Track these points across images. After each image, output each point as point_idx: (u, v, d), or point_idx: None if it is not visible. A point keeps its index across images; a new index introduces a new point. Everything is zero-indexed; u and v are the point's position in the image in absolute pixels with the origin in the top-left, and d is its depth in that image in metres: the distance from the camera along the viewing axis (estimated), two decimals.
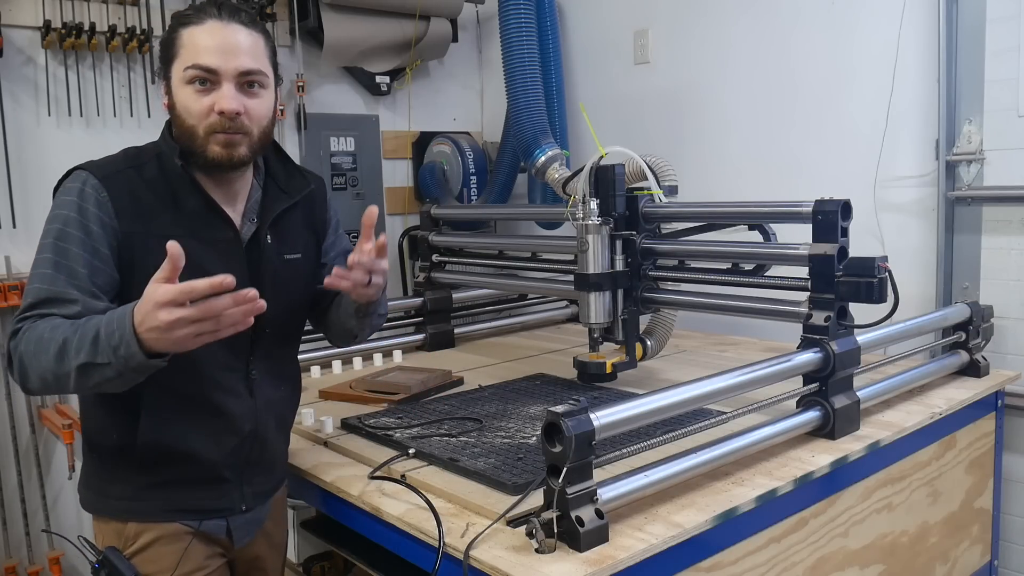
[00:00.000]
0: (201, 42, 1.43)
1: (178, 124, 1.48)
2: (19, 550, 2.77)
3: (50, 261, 1.39)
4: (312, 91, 3.42)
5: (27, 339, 1.33)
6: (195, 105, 1.44)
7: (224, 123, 1.44)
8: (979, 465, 2.24)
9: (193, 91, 1.44)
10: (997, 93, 2.39)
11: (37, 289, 1.38)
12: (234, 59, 1.44)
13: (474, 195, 3.63)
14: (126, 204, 1.45)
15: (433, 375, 2.32)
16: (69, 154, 2.78)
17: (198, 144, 1.46)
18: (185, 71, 1.43)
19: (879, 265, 1.74)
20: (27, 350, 1.32)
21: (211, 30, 1.44)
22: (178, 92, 1.45)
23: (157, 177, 1.49)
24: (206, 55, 1.43)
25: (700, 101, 3.17)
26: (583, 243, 2.11)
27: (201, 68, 1.43)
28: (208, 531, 1.58)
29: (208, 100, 1.44)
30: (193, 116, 1.45)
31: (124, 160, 1.51)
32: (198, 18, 1.45)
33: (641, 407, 1.44)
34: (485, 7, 3.86)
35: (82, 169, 1.47)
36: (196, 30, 1.44)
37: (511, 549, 1.33)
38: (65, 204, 1.43)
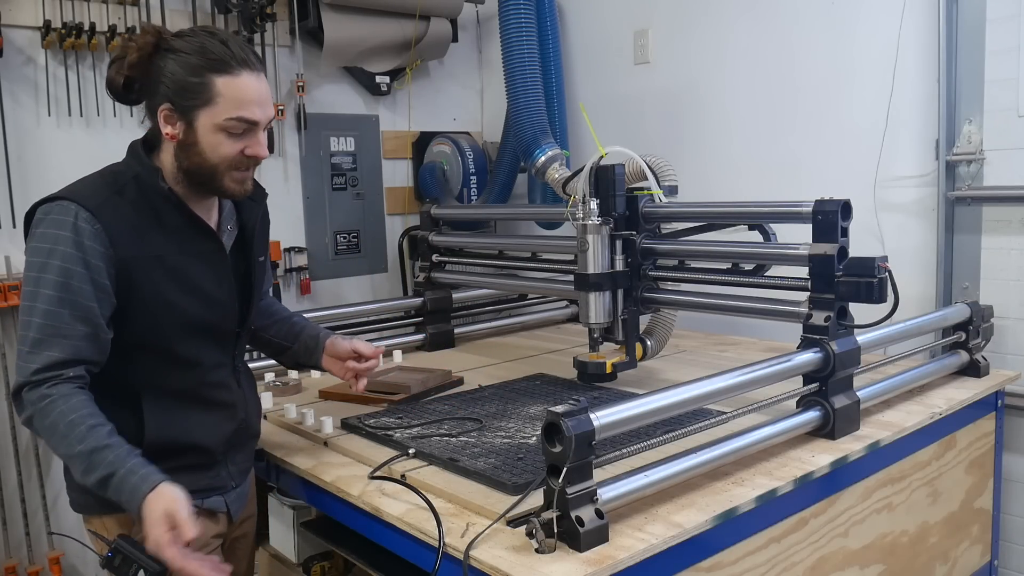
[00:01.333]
0: (243, 95, 1.50)
1: (195, 160, 1.54)
2: (19, 550, 2.77)
3: (52, 298, 1.45)
4: (312, 91, 3.42)
5: (44, 411, 1.42)
6: (227, 150, 1.53)
7: (250, 164, 1.58)
8: (979, 465, 2.24)
9: (225, 136, 1.52)
10: (997, 93, 2.39)
11: (41, 325, 1.45)
12: (268, 110, 1.56)
13: (474, 195, 3.63)
14: (118, 231, 1.50)
15: (433, 375, 2.32)
16: (69, 154, 2.80)
17: (216, 179, 1.56)
18: (226, 121, 1.50)
19: (879, 265, 1.74)
20: (41, 422, 1.44)
21: (248, 84, 1.51)
22: (206, 135, 1.51)
23: (138, 199, 1.55)
24: (250, 109, 1.52)
25: (700, 101, 3.17)
26: (583, 243, 2.11)
27: (246, 121, 1.52)
28: (211, 507, 1.69)
29: (239, 145, 1.54)
30: (222, 159, 1.54)
31: (105, 186, 1.54)
32: (230, 68, 1.50)
33: (641, 407, 1.44)
34: (485, 7, 3.86)
35: (67, 200, 1.49)
36: (232, 81, 1.50)
37: (511, 549, 1.33)
38: (60, 239, 1.47)
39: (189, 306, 1.59)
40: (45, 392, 1.42)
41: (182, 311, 1.58)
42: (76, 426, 1.41)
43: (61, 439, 1.42)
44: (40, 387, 1.43)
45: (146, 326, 1.55)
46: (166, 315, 1.56)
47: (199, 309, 1.60)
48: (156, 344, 1.57)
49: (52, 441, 1.45)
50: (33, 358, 1.44)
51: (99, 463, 1.40)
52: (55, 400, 1.42)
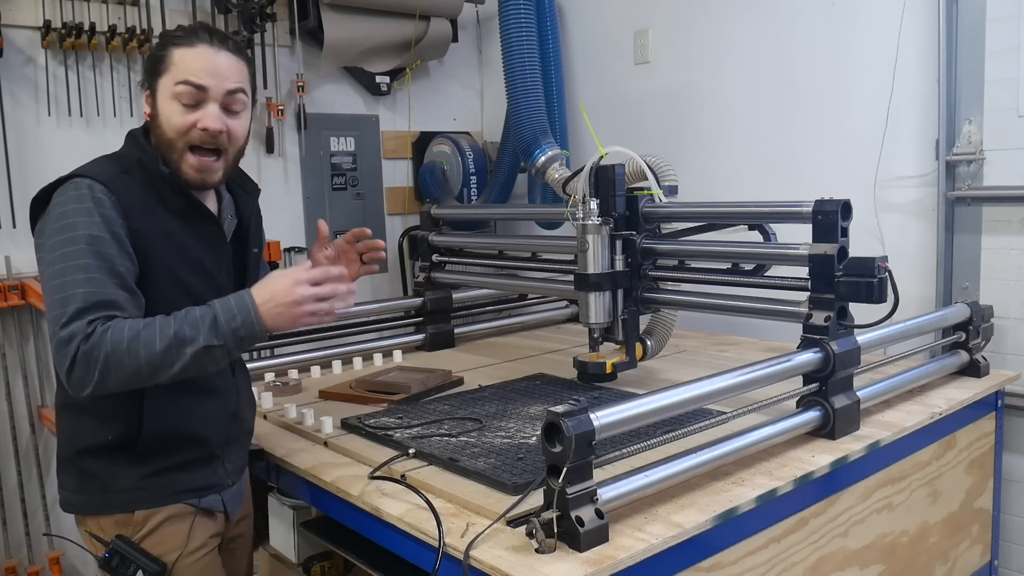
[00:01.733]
0: (192, 63, 1.53)
1: (158, 135, 1.56)
2: (19, 550, 2.77)
3: (90, 266, 1.43)
4: (312, 91, 3.42)
5: (112, 340, 1.37)
6: (179, 120, 1.54)
7: (204, 139, 1.55)
8: (979, 465, 2.24)
9: (179, 106, 1.54)
10: (997, 93, 2.39)
11: (86, 294, 1.41)
12: (221, 81, 1.55)
13: (474, 195, 3.63)
14: (131, 204, 1.52)
15: (433, 375, 2.32)
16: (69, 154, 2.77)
17: (173, 158, 1.56)
18: (175, 86, 1.53)
19: (879, 265, 1.74)
20: (116, 349, 1.37)
21: (202, 53, 1.54)
22: (163, 105, 1.54)
23: (143, 181, 1.57)
24: (199, 75, 1.53)
25: (700, 101, 3.17)
26: (583, 243, 2.11)
27: (192, 84, 1.53)
28: (208, 506, 1.68)
29: (192, 117, 1.54)
30: (174, 130, 1.54)
31: (112, 166, 1.57)
32: (189, 41, 1.54)
33: (641, 407, 1.44)
34: (485, 7, 3.86)
35: (80, 177, 1.51)
36: (188, 51, 1.53)
37: (511, 549, 1.33)
38: (82, 211, 1.47)
39: (196, 285, 1.61)
40: (102, 329, 1.38)
41: (189, 289, 1.59)
42: (152, 324, 1.40)
43: (150, 340, 1.38)
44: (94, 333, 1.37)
45: (156, 301, 1.53)
46: (175, 292, 1.57)
47: (204, 289, 1.61)
48: None
49: (139, 354, 1.37)
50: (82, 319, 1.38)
51: (196, 321, 1.41)
52: (115, 326, 1.38)
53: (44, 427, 2.78)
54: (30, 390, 2.77)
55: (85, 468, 1.59)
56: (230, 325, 1.42)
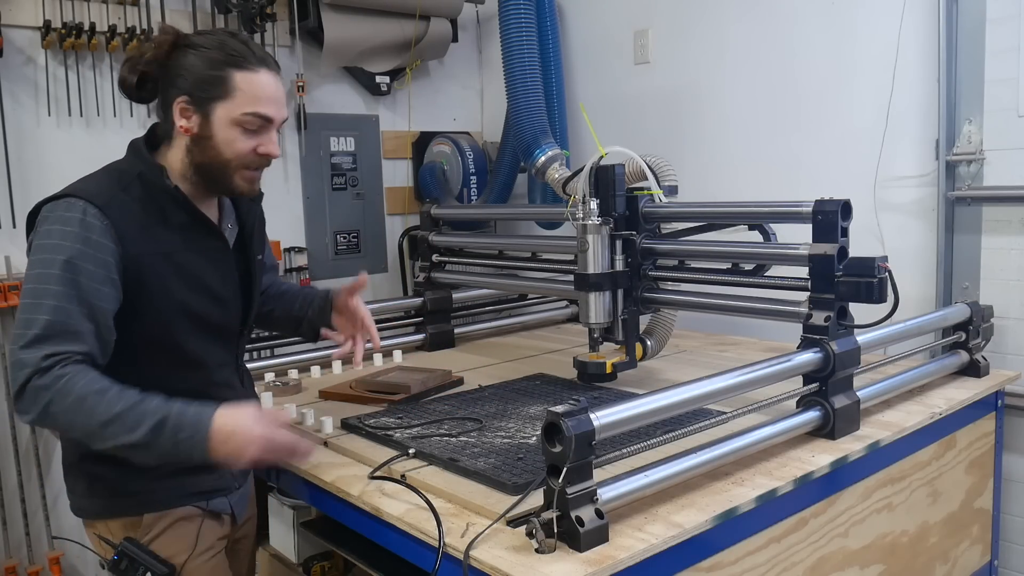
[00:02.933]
0: (260, 92, 1.53)
1: (208, 155, 1.55)
2: (19, 550, 2.77)
3: (60, 293, 1.41)
4: (312, 91, 3.42)
5: (63, 390, 1.36)
6: (241, 146, 1.55)
7: (263, 162, 1.61)
8: (979, 465, 2.24)
9: (240, 133, 1.54)
10: (997, 93, 2.39)
11: (48, 322, 1.39)
12: (283, 110, 1.60)
13: (474, 195, 3.63)
14: (126, 228, 1.49)
15: (433, 375, 2.32)
16: (69, 154, 2.80)
17: (226, 176, 1.58)
18: (243, 115, 1.52)
19: (879, 265, 1.74)
20: (62, 401, 1.36)
21: (266, 81, 1.54)
22: (222, 130, 1.53)
23: (143, 196, 1.54)
24: (266, 105, 1.54)
25: (700, 101, 3.17)
26: (583, 243, 2.11)
27: (261, 117, 1.54)
28: (216, 509, 1.69)
29: (253, 142, 1.56)
30: (235, 154, 1.55)
31: (110, 184, 1.53)
32: (250, 65, 1.53)
33: (641, 407, 1.44)
34: (485, 7, 3.86)
35: (75, 197, 1.48)
36: (251, 77, 1.52)
37: (511, 549, 1.33)
38: (68, 235, 1.45)
39: (196, 303, 1.59)
40: (59, 373, 1.36)
41: (189, 308, 1.58)
42: (105, 392, 1.37)
43: (93, 408, 1.36)
44: (51, 370, 1.36)
45: (154, 324, 1.54)
46: (174, 313, 1.56)
47: (206, 306, 1.61)
48: (164, 343, 1.56)
49: (79, 416, 1.37)
50: (38, 348, 1.37)
51: (146, 413, 1.37)
52: (73, 377, 1.37)
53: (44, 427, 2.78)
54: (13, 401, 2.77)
55: (93, 472, 1.59)
56: (176, 435, 1.38)
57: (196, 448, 1.39)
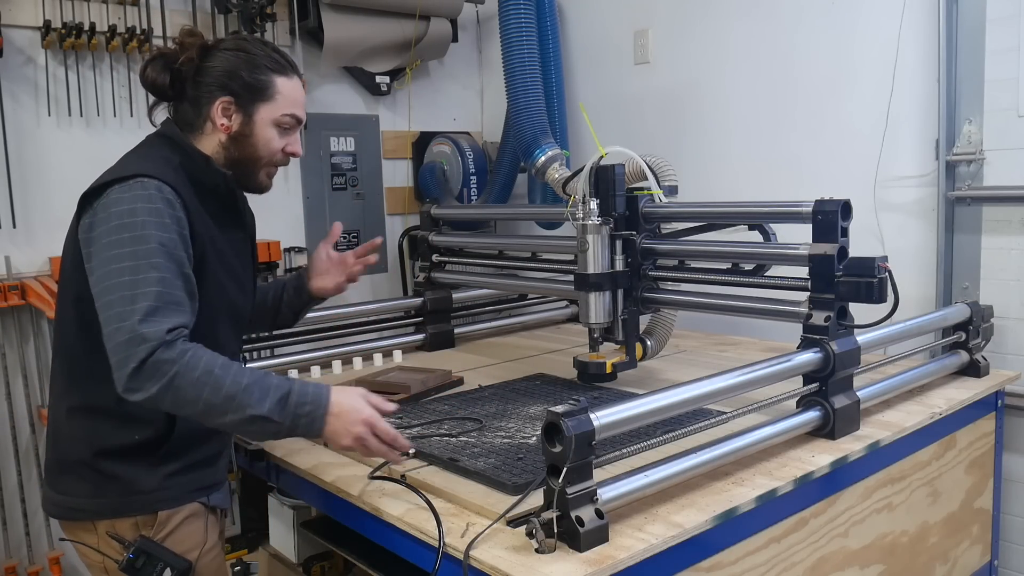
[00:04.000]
0: (296, 96, 1.67)
1: (246, 152, 1.64)
2: (19, 550, 2.77)
3: (162, 265, 1.43)
4: (312, 91, 3.42)
5: (189, 363, 1.38)
6: (276, 144, 1.67)
7: (286, 161, 1.71)
8: (979, 465, 2.24)
9: (277, 133, 1.66)
10: (997, 93, 2.39)
11: (159, 293, 1.41)
12: (305, 112, 1.72)
13: (474, 195, 3.63)
14: (192, 207, 1.56)
15: (433, 375, 2.32)
16: (69, 154, 2.80)
17: (255, 171, 1.68)
18: (282, 116, 1.65)
19: (879, 265, 1.74)
20: (189, 375, 1.37)
21: (298, 87, 1.68)
22: (263, 129, 1.64)
23: (188, 184, 1.58)
24: (300, 108, 1.68)
25: (700, 101, 3.17)
26: (583, 243, 2.11)
27: (296, 119, 1.67)
28: (215, 504, 1.70)
29: (284, 141, 1.68)
30: (269, 152, 1.66)
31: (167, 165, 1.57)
32: (287, 71, 1.66)
33: (641, 407, 1.44)
34: (485, 7, 3.86)
35: (147, 177, 1.50)
36: (288, 83, 1.65)
37: (511, 549, 1.33)
38: (152, 211, 1.47)
39: (230, 289, 1.67)
40: (184, 347, 1.39)
41: (226, 292, 1.65)
42: (229, 367, 1.41)
43: (220, 381, 1.38)
44: (176, 344, 1.38)
45: (203, 304, 1.54)
46: (216, 295, 1.61)
47: (236, 292, 1.69)
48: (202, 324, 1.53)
49: (206, 389, 1.38)
50: (156, 322, 1.37)
51: (271, 386, 1.43)
52: (198, 350, 1.40)
53: (44, 427, 2.78)
54: (30, 390, 2.77)
55: (105, 471, 1.56)
56: (297, 409, 1.44)
57: (315, 422, 1.46)
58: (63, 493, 1.61)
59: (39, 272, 2.70)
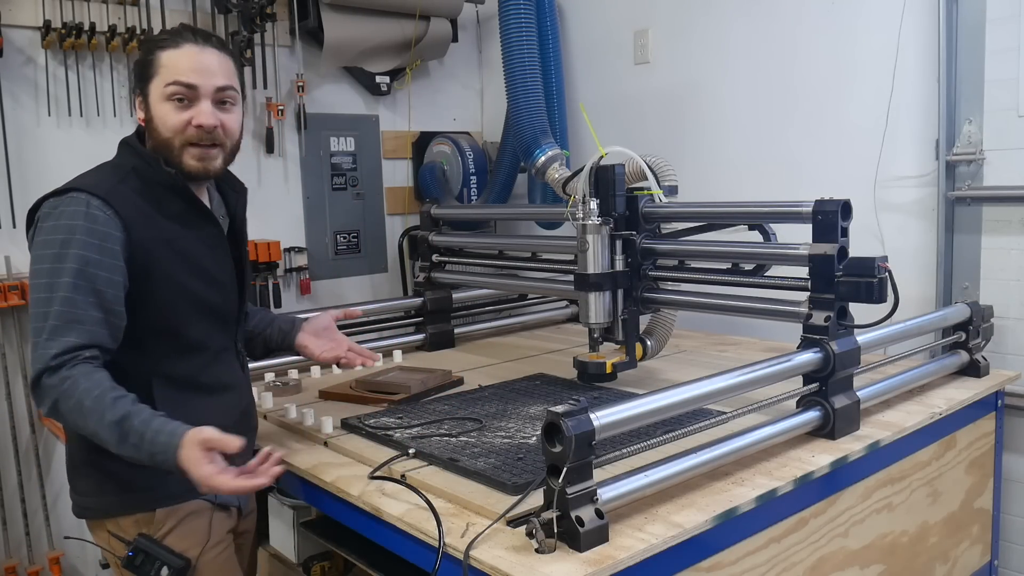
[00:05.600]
0: (181, 63, 1.57)
1: (155, 137, 1.60)
2: (19, 550, 2.77)
3: (70, 284, 1.47)
4: (312, 91, 3.42)
5: (67, 392, 1.43)
6: (173, 119, 1.58)
7: (201, 135, 1.59)
8: (979, 465, 2.24)
9: (172, 107, 1.57)
10: (997, 93, 2.39)
11: (60, 312, 1.46)
12: (210, 78, 1.59)
13: (474, 195, 3.63)
14: (130, 216, 1.55)
15: (433, 375, 2.32)
16: (69, 154, 2.80)
17: (174, 156, 1.60)
18: (166, 87, 1.56)
19: (879, 265, 1.74)
20: (66, 403, 1.44)
21: (188, 53, 1.58)
22: (156, 107, 1.58)
23: (140, 188, 1.59)
24: (187, 74, 1.57)
25: (700, 101, 3.17)
26: (583, 243, 2.11)
27: (182, 84, 1.57)
28: (224, 502, 1.71)
29: (186, 115, 1.58)
30: (170, 129, 1.58)
31: (108, 177, 1.59)
32: (175, 42, 1.58)
33: (641, 407, 1.44)
34: (485, 7, 3.86)
35: (77, 191, 1.53)
36: (174, 52, 1.57)
37: (511, 549, 1.33)
38: (75, 228, 1.49)
39: (197, 288, 1.64)
40: (65, 374, 1.43)
41: (191, 292, 1.62)
42: (101, 400, 1.42)
43: (89, 414, 1.42)
44: (59, 370, 1.44)
45: (159, 309, 1.58)
46: (178, 297, 1.60)
47: (206, 290, 1.66)
48: (167, 328, 1.60)
49: (79, 419, 1.44)
50: (50, 345, 1.44)
51: (129, 431, 1.42)
52: (77, 379, 1.43)
53: (44, 427, 2.78)
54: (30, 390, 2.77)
55: (104, 469, 1.59)
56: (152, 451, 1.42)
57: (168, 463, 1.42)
58: (77, 492, 1.67)
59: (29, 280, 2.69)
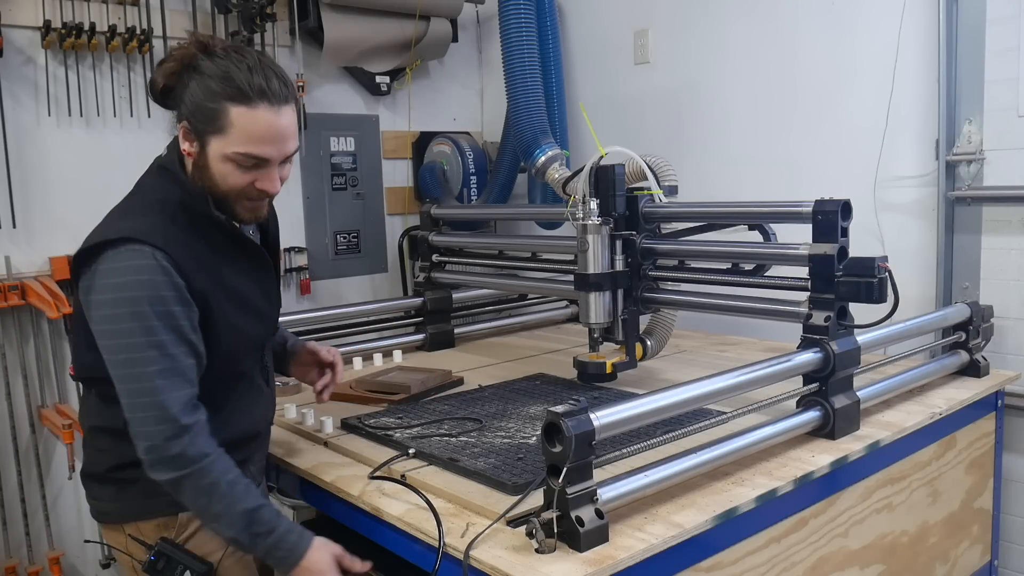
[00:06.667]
0: (255, 129, 1.44)
1: (208, 184, 1.51)
2: (19, 550, 2.77)
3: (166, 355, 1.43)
4: (312, 91, 3.42)
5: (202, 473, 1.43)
6: (236, 180, 1.49)
7: (262, 195, 1.53)
8: (979, 465, 2.24)
9: (235, 167, 1.48)
10: (997, 93, 2.39)
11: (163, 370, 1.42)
12: (284, 146, 1.50)
13: (474, 195, 3.63)
14: (189, 264, 1.48)
15: (433, 375, 2.32)
16: (69, 154, 2.80)
17: (226, 206, 1.54)
18: (235, 154, 1.46)
19: (879, 265, 1.74)
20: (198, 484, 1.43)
21: (264, 118, 1.45)
22: (217, 163, 1.48)
23: (188, 224, 1.52)
24: (260, 145, 1.46)
25: (700, 101, 3.17)
26: (583, 243, 2.11)
27: (254, 157, 1.47)
28: None
29: (249, 177, 1.49)
30: (232, 188, 1.50)
31: (160, 217, 1.50)
32: (248, 100, 1.43)
33: (641, 407, 1.44)
34: (485, 7, 3.86)
35: (136, 242, 1.44)
36: (247, 113, 1.44)
37: (511, 549, 1.33)
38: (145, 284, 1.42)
39: (249, 326, 1.61)
40: (204, 449, 1.43)
41: (244, 331, 1.60)
42: (235, 485, 1.44)
43: (221, 497, 1.43)
44: (197, 440, 1.42)
45: (216, 350, 1.54)
46: (233, 338, 1.57)
47: (255, 327, 1.64)
48: (221, 364, 1.56)
49: (207, 499, 1.44)
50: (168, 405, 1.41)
51: (260, 520, 1.44)
52: (216, 459, 1.44)
53: (44, 427, 2.78)
54: (30, 390, 2.77)
55: (126, 478, 1.57)
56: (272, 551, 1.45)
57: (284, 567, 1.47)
58: (95, 497, 1.65)
59: (39, 272, 2.69)
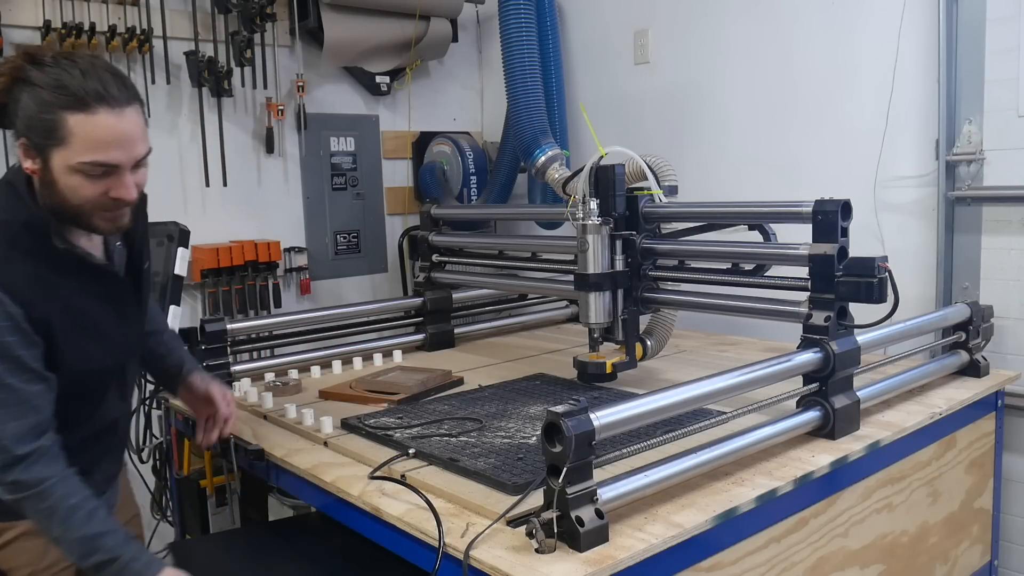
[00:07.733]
0: (98, 136, 1.35)
1: (56, 200, 1.41)
2: None
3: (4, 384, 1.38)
4: (312, 91, 3.42)
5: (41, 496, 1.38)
6: (87, 192, 1.40)
7: (119, 205, 1.44)
8: (979, 465, 2.24)
9: (83, 179, 1.38)
10: (997, 93, 2.39)
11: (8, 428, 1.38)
12: (132, 150, 1.41)
13: (474, 195, 3.63)
14: (28, 291, 1.41)
15: (433, 375, 2.32)
16: None
17: (82, 219, 1.44)
18: (81, 164, 1.36)
19: (879, 265, 1.74)
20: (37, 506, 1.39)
21: (105, 123, 1.36)
22: (63, 177, 1.38)
23: (32, 248, 1.43)
24: (105, 151, 1.37)
25: (700, 101, 3.17)
26: (583, 243, 2.11)
27: (102, 165, 1.38)
28: None
29: (101, 186, 1.40)
30: (82, 200, 1.41)
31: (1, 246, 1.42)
32: (85, 106, 1.34)
33: (641, 407, 1.44)
34: (485, 7, 3.86)
35: None
36: (87, 120, 1.34)
37: (511, 549, 1.33)
38: None
39: (100, 351, 1.54)
40: (41, 475, 1.38)
41: (93, 357, 1.53)
42: (76, 510, 1.39)
43: (60, 522, 1.38)
44: (34, 467, 1.38)
45: (64, 377, 1.48)
46: (81, 364, 1.50)
47: (107, 352, 1.56)
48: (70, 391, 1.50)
49: (47, 522, 1.40)
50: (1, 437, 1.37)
51: (100, 548, 1.39)
52: (55, 484, 1.39)
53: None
54: None
55: None
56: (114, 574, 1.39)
57: None
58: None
59: None
